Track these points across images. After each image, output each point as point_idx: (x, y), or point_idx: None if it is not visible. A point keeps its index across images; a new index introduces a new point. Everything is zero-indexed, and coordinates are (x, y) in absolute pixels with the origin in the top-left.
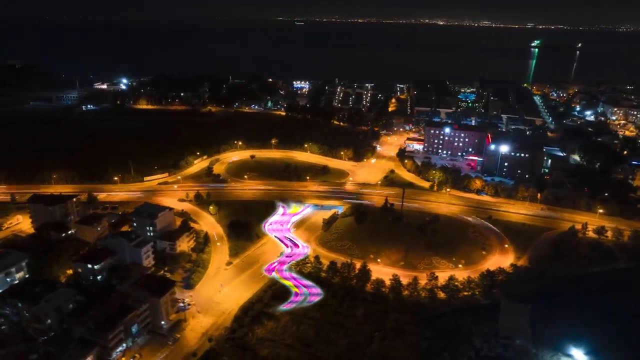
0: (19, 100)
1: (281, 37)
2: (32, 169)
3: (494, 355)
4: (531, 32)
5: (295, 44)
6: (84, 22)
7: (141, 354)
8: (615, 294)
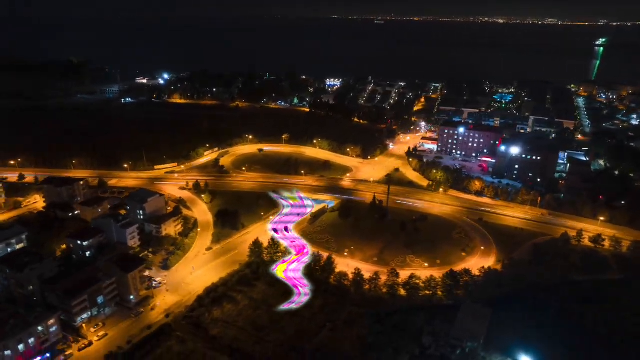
0: (70, 93)
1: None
2: (59, 155)
3: (440, 355)
4: (601, 30)
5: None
6: (139, 21)
7: (105, 323)
8: (591, 305)
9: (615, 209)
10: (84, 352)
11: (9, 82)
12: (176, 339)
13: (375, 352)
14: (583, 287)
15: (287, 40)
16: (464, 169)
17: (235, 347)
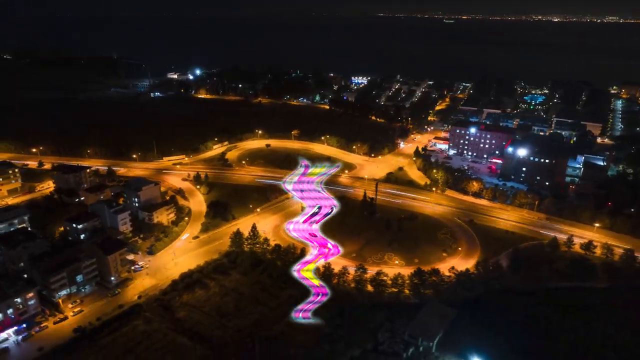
0: (104, 87)
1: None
2: (77, 144)
3: (392, 352)
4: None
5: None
6: (185, 19)
7: (83, 300)
8: (563, 313)
9: (619, 216)
10: (58, 325)
11: (53, 76)
12: (144, 319)
13: (328, 344)
14: (561, 294)
15: (324, 38)
16: (471, 170)
17: (195, 330)
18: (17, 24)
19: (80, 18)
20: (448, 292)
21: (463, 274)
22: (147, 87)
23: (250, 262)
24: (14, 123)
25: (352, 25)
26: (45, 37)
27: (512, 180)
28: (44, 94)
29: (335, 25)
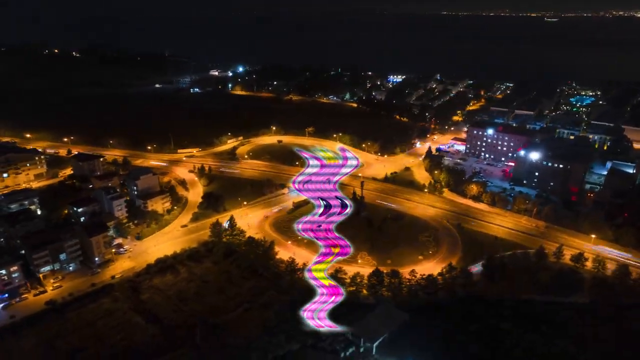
0: (151, 83)
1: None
2: (103, 134)
3: (331, 350)
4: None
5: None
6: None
7: (64, 277)
8: (526, 327)
9: (627, 228)
10: (38, 297)
11: (108, 73)
12: (111, 297)
13: (269, 336)
14: (532, 307)
15: (376, 37)
16: (483, 173)
17: (153, 311)
18: (83, 24)
19: (139, 17)
20: (409, 295)
21: (426, 278)
22: (188, 83)
23: (223, 252)
24: (61, 115)
25: (412, 24)
26: (108, 36)
27: (524, 185)
28: (96, 89)
29: (392, 24)
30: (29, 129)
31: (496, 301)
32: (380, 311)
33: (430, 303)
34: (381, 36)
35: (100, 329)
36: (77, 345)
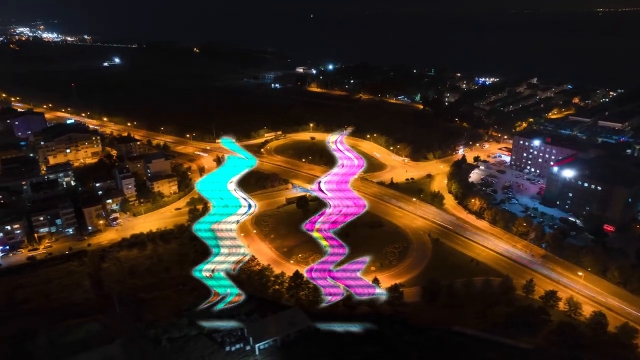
0: (241, 77)
1: None
2: (161, 121)
3: (220, 341)
4: None
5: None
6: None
7: (58, 239)
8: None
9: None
10: (30, 253)
11: (212, 67)
12: (79, 262)
13: (176, 318)
14: (460, 341)
15: (492, 37)
16: (517, 188)
17: (102, 279)
18: (198, 21)
19: (251, 14)
20: (328, 306)
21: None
22: (272, 78)
23: (189, 235)
24: (149, 103)
25: (549, 23)
26: (222, 33)
27: (556, 206)
28: (191, 81)
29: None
30: (111, 114)
31: (422, 328)
32: (284, 315)
33: (347, 316)
34: (485, 37)
35: (53, 286)
36: (28, 297)
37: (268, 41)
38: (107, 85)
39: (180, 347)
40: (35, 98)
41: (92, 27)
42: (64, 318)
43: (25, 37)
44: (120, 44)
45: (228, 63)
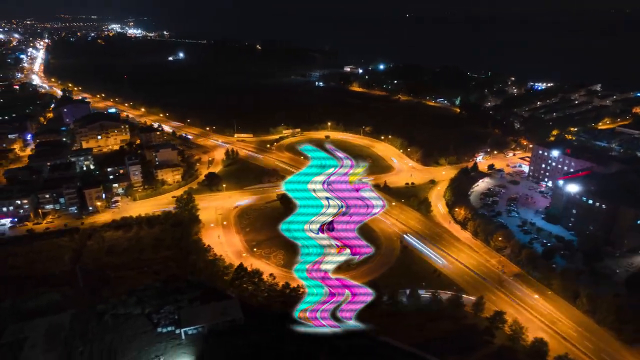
0: (290, 75)
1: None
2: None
3: (155, 322)
4: None
5: None
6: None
7: (60, 216)
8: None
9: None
10: (33, 227)
11: (267, 64)
12: (69, 237)
13: (127, 296)
14: (385, 353)
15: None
16: (525, 201)
17: (82, 254)
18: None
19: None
20: (266, 299)
21: (285, 285)
22: (317, 77)
23: (172, 222)
24: (191, 95)
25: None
26: (281, 31)
27: (560, 223)
28: (242, 77)
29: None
30: (151, 105)
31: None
32: (219, 305)
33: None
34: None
35: (41, 257)
36: (17, 265)
37: (328, 40)
38: (162, 78)
39: (119, 323)
40: (94, 88)
41: (175, 23)
42: (36, 286)
43: (113, 32)
44: (191, 40)
45: (283, 61)
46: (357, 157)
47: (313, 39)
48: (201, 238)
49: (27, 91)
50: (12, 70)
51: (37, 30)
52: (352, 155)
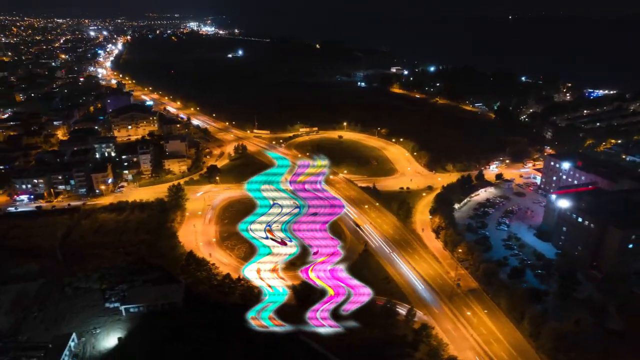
0: (337, 75)
1: None
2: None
3: (110, 295)
4: None
5: None
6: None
7: (70, 196)
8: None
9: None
10: (44, 204)
11: (318, 63)
12: (69, 216)
13: (93, 272)
14: (297, 353)
15: None
16: (524, 215)
17: (72, 231)
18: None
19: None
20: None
21: (225, 276)
22: (361, 77)
23: (159, 208)
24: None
25: None
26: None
27: (551, 240)
28: (290, 76)
29: None
30: (188, 99)
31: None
32: (164, 288)
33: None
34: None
35: (38, 231)
36: (16, 235)
37: (386, 41)
38: (211, 74)
39: (77, 295)
40: (145, 82)
41: (249, 22)
42: (23, 256)
43: (187, 30)
44: (256, 38)
45: (333, 61)
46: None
47: (372, 39)
48: (175, 225)
49: (89, 83)
50: (87, 64)
51: (124, 28)
52: (357, 157)
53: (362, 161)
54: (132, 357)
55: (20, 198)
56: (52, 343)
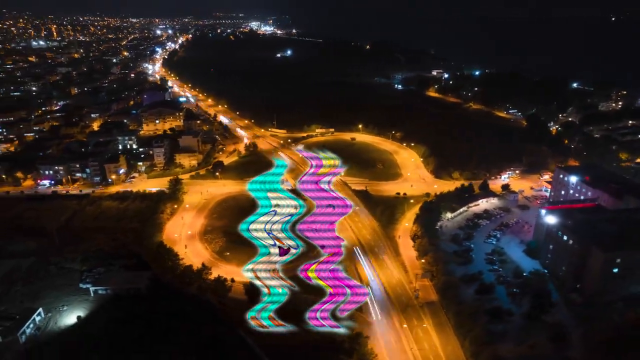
0: (377, 76)
1: None
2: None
3: (93, 279)
4: None
5: None
6: None
7: (84, 183)
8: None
9: None
10: (61, 189)
11: (363, 64)
12: (77, 201)
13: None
14: (231, 349)
15: None
16: (520, 229)
17: (76, 216)
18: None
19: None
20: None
21: (187, 267)
22: (399, 79)
23: (157, 198)
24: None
25: None
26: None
27: (538, 258)
28: (332, 76)
29: None
30: (220, 96)
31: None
32: (131, 274)
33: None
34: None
35: (47, 213)
36: (29, 216)
37: (431, 42)
38: (254, 73)
39: (58, 274)
40: (188, 79)
41: (309, 22)
42: (25, 235)
43: (247, 29)
44: (310, 38)
45: (376, 61)
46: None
47: (421, 39)
48: (164, 217)
49: (138, 79)
50: (143, 61)
51: (189, 27)
52: (365, 159)
53: (367, 164)
54: (85, 335)
55: (42, 183)
56: (20, 315)
